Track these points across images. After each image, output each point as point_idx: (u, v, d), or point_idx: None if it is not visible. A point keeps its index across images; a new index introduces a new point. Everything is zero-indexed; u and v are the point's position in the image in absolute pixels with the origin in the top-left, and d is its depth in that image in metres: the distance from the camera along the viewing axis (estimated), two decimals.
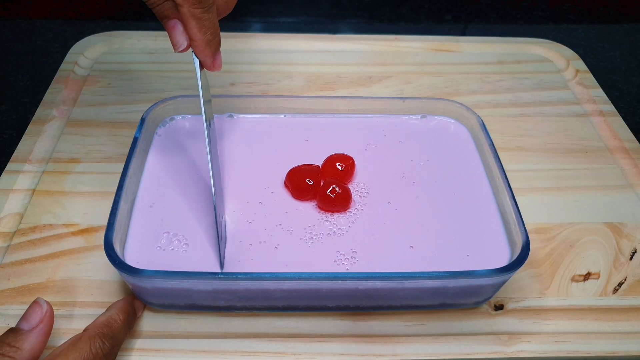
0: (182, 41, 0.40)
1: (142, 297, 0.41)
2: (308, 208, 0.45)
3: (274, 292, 0.39)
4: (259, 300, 0.41)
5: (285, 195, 0.46)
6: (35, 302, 0.36)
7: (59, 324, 0.40)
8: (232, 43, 0.68)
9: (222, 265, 0.40)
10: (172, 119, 0.52)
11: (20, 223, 0.47)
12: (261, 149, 0.50)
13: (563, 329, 0.42)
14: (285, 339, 0.40)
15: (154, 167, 0.47)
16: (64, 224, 0.47)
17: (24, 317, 0.35)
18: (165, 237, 0.42)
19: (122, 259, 0.37)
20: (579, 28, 0.82)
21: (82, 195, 0.49)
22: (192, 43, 0.40)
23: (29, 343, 0.34)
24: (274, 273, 0.38)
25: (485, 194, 0.47)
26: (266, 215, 0.44)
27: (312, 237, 0.43)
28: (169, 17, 0.39)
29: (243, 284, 0.38)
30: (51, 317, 0.36)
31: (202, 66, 0.41)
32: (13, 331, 0.34)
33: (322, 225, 0.44)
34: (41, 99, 0.59)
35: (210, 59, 0.41)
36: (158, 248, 0.41)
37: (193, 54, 0.41)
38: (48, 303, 0.36)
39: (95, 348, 0.34)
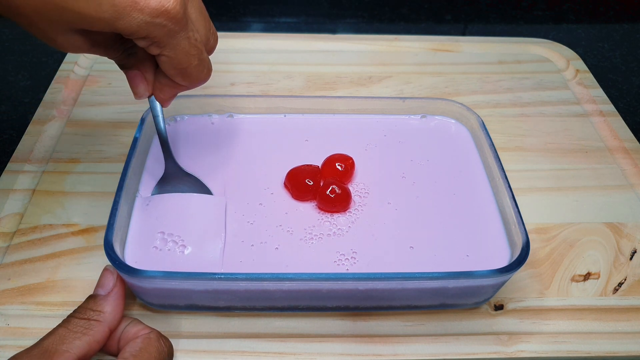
0: (145, 93, 0.41)
1: (142, 297, 0.41)
2: (308, 209, 0.45)
3: (274, 293, 0.39)
4: (259, 301, 0.40)
5: (285, 196, 0.46)
6: (105, 270, 0.39)
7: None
8: (232, 43, 0.68)
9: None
10: (172, 119, 0.52)
11: (20, 223, 0.47)
12: (261, 149, 0.50)
13: (563, 329, 0.42)
14: (285, 339, 0.40)
15: (154, 167, 0.47)
16: (64, 224, 0.47)
17: (99, 285, 0.38)
18: (160, 237, 0.41)
19: (122, 260, 0.37)
20: (579, 28, 0.82)
21: (82, 195, 0.49)
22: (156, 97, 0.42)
23: (109, 306, 0.36)
24: (274, 274, 0.38)
25: (485, 194, 0.47)
26: (266, 216, 0.44)
27: (312, 238, 0.43)
28: (131, 68, 0.40)
29: (243, 285, 0.38)
30: (122, 282, 0.38)
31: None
32: (92, 297, 0.37)
33: (322, 226, 0.44)
34: (41, 99, 0.59)
35: (167, 104, 0.43)
36: (154, 248, 0.41)
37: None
38: (115, 269, 0.38)
39: (167, 346, 0.36)
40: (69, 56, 0.65)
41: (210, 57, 0.41)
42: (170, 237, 0.41)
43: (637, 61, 0.75)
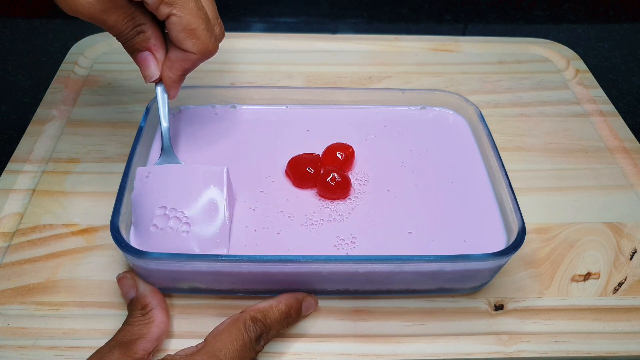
0: (156, 72, 0.42)
1: (147, 280, 0.41)
2: (309, 196, 0.46)
3: (277, 275, 0.40)
4: (262, 284, 0.41)
5: (286, 184, 0.47)
6: (120, 279, 0.41)
7: (59, 324, 0.41)
8: (232, 43, 0.68)
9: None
10: (177, 110, 0.53)
11: (20, 223, 0.47)
12: (263, 139, 0.51)
13: (563, 329, 0.42)
14: (285, 339, 0.40)
15: (158, 156, 0.47)
16: (64, 224, 0.47)
17: (124, 292, 0.40)
18: (161, 212, 0.40)
19: (128, 242, 0.38)
20: (579, 28, 0.82)
21: (82, 195, 0.49)
22: (164, 78, 0.43)
23: (149, 296, 0.39)
24: (277, 256, 0.38)
25: (482, 182, 0.47)
26: (268, 202, 0.45)
27: (312, 224, 0.44)
28: (141, 49, 0.41)
29: (247, 267, 0.38)
30: (138, 278, 0.41)
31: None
32: (130, 301, 0.39)
33: (323, 212, 0.45)
34: (41, 99, 0.59)
35: (175, 91, 0.44)
36: (154, 227, 0.40)
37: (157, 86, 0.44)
38: (126, 273, 0.41)
39: (248, 330, 0.36)
40: (69, 56, 0.65)
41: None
42: (173, 212, 0.40)
43: (637, 61, 0.75)
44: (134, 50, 0.41)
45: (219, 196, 0.41)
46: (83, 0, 0.36)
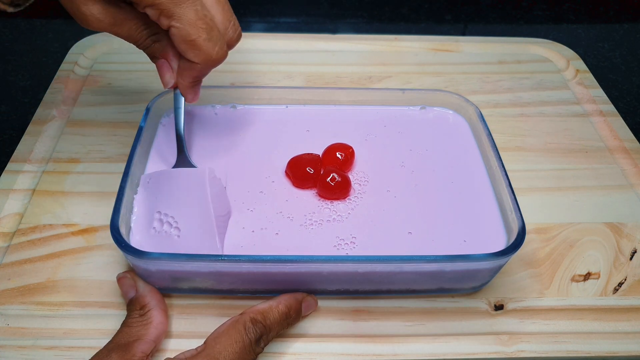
0: (170, 80, 0.43)
1: (147, 280, 0.41)
2: (308, 196, 0.46)
3: (276, 276, 0.40)
4: (261, 284, 0.41)
5: (285, 184, 0.47)
6: (120, 279, 0.40)
7: (59, 324, 0.41)
8: None
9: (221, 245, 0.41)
10: None
11: (20, 223, 0.47)
12: (263, 139, 0.51)
13: (563, 329, 0.42)
14: (285, 339, 0.40)
15: (158, 156, 0.48)
16: (64, 224, 0.47)
17: (124, 292, 0.40)
18: (157, 217, 0.41)
19: (128, 242, 0.38)
20: (579, 28, 0.82)
21: (82, 195, 0.49)
22: (180, 84, 0.43)
23: (147, 296, 0.39)
24: (276, 256, 0.38)
25: (482, 182, 0.47)
26: (267, 203, 0.45)
27: (312, 224, 0.44)
28: (157, 57, 0.42)
29: (246, 267, 0.38)
30: (138, 277, 0.41)
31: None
32: (130, 301, 0.39)
33: (322, 212, 0.45)
34: (41, 99, 0.59)
35: (189, 95, 0.44)
36: (153, 229, 0.41)
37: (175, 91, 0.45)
38: (126, 273, 0.41)
39: (248, 332, 0.36)
40: (69, 56, 0.65)
41: None
42: (165, 217, 0.41)
43: (637, 61, 0.75)
44: (152, 57, 0.42)
45: (202, 197, 0.41)
46: (91, 17, 0.37)
